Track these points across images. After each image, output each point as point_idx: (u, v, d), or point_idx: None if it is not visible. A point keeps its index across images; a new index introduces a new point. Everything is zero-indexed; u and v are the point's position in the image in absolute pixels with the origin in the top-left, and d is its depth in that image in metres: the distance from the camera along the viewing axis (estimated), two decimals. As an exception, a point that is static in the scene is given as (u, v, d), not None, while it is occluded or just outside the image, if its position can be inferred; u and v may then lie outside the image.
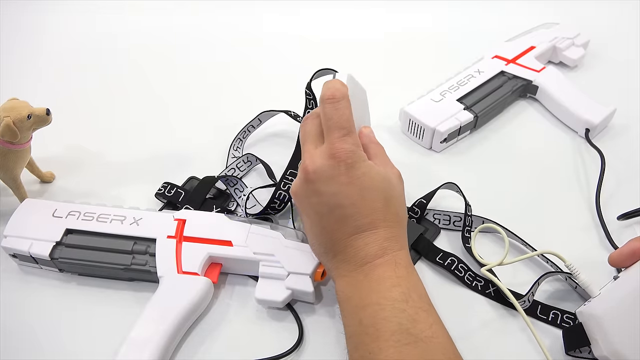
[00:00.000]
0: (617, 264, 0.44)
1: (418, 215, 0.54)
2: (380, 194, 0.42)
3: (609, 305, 0.41)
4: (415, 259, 0.52)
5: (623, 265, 0.43)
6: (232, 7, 0.84)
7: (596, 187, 0.56)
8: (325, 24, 0.82)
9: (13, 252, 0.50)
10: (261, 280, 0.47)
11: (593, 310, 0.41)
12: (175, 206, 0.55)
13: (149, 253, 0.49)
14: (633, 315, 0.39)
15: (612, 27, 0.78)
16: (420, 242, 0.52)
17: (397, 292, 0.39)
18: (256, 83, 0.72)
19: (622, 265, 0.43)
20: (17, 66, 0.76)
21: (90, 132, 0.66)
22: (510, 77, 0.66)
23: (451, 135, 0.61)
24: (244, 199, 0.55)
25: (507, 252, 0.47)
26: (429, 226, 0.54)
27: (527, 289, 0.47)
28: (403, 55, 0.76)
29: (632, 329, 0.39)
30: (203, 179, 0.57)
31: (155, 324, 0.44)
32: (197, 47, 0.79)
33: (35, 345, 0.46)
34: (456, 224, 0.54)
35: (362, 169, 0.41)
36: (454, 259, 0.50)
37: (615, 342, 0.39)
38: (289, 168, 0.54)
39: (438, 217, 0.54)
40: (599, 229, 0.53)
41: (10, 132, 0.50)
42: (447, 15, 0.82)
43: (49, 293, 0.50)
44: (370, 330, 0.38)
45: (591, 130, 0.61)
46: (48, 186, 0.59)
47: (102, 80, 0.73)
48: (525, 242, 0.51)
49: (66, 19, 0.83)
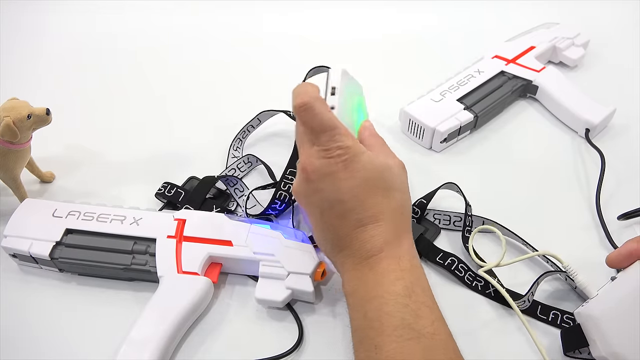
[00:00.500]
0: (614, 264, 0.44)
1: (418, 215, 0.54)
2: (382, 184, 0.41)
3: (607, 306, 0.41)
4: None
5: (620, 266, 0.43)
6: (232, 7, 0.84)
7: (596, 187, 0.56)
8: (325, 24, 0.82)
9: (13, 252, 0.50)
10: (261, 280, 0.47)
11: (591, 311, 0.41)
12: (175, 206, 0.55)
13: (149, 253, 0.49)
14: (631, 316, 0.39)
15: (612, 27, 0.79)
16: (421, 242, 0.52)
17: (401, 286, 0.39)
18: (256, 83, 0.72)
19: (619, 266, 0.43)
20: (17, 66, 0.76)
21: (90, 132, 0.66)
22: (510, 77, 0.66)
23: (451, 135, 0.61)
24: (244, 200, 0.55)
25: (505, 253, 0.47)
26: (429, 226, 0.54)
27: (527, 288, 0.47)
28: (403, 55, 0.76)
29: (630, 330, 0.39)
30: (203, 179, 0.57)
31: (155, 324, 0.44)
32: (197, 47, 0.79)
33: (35, 345, 0.46)
34: (456, 224, 0.54)
35: (361, 162, 0.41)
36: (454, 259, 0.50)
37: (614, 343, 0.39)
38: (288, 167, 0.54)
39: (438, 217, 0.54)
40: (599, 229, 0.53)
41: (10, 132, 0.50)
42: (447, 15, 0.82)
43: (49, 293, 0.50)
44: (375, 324, 0.38)
45: (591, 130, 0.61)
46: (48, 186, 0.59)
47: (102, 80, 0.73)
48: (526, 241, 0.51)
49: (66, 19, 0.83)
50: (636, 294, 0.40)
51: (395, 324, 0.37)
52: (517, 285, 0.49)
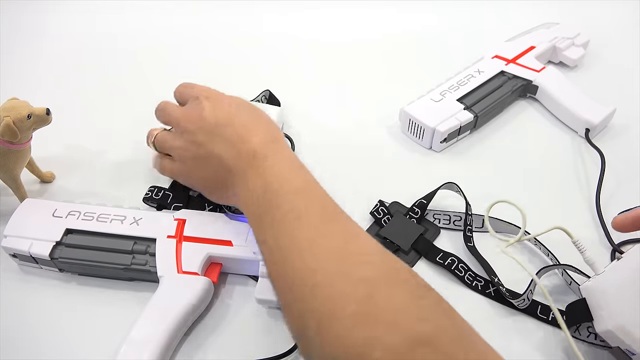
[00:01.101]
0: (620, 227, 0.44)
1: (418, 215, 0.54)
2: (250, 109, 0.50)
3: (615, 280, 0.41)
4: (415, 259, 0.52)
5: (626, 229, 0.44)
6: (233, 7, 0.84)
7: (596, 187, 0.56)
8: (325, 25, 0.82)
9: (13, 252, 0.50)
10: (261, 280, 0.47)
11: (599, 284, 0.41)
12: (165, 208, 0.55)
13: (149, 253, 0.49)
14: (637, 291, 0.39)
15: (612, 27, 0.79)
16: (420, 242, 0.52)
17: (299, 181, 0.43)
18: (256, 83, 0.72)
19: (624, 230, 0.44)
20: (17, 66, 0.76)
21: (90, 132, 0.65)
22: (510, 77, 0.66)
23: (451, 135, 0.61)
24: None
25: (525, 227, 0.48)
26: (428, 226, 0.54)
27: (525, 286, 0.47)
28: (403, 55, 0.76)
29: (636, 304, 0.39)
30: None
31: (155, 324, 0.44)
32: (197, 47, 0.79)
33: (35, 345, 0.46)
34: (456, 223, 0.54)
35: (221, 98, 0.50)
36: (454, 258, 0.50)
37: (620, 317, 0.39)
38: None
39: (438, 217, 0.55)
40: (599, 229, 0.54)
41: (11, 132, 0.50)
42: (447, 15, 0.82)
43: (49, 293, 0.50)
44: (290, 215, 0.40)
45: (591, 130, 0.61)
46: (48, 186, 0.59)
47: (102, 80, 0.73)
48: (527, 232, 0.51)
49: (66, 19, 0.83)
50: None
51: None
52: (514, 282, 0.49)
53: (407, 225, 0.53)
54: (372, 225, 0.55)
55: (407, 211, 0.55)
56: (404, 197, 0.56)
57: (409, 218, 0.54)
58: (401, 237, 0.52)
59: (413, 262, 0.52)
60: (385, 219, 0.54)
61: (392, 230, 0.53)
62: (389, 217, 0.54)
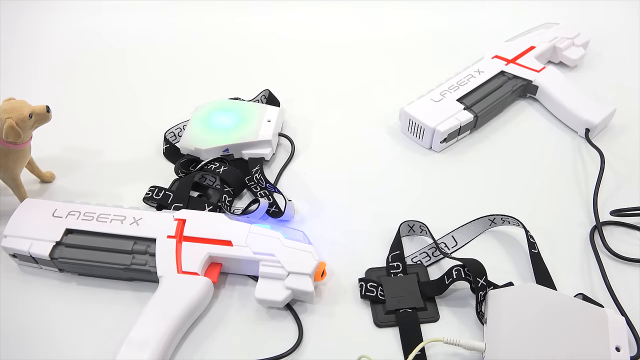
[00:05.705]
0: None
1: (400, 269, 0.50)
2: None
3: (502, 347, 0.41)
4: (433, 307, 0.48)
5: None
6: (233, 8, 0.84)
7: (594, 188, 0.56)
8: (326, 25, 0.82)
9: (13, 252, 0.50)
10: (261, 280, 0.47)
11: (497, 353, 0.41)
12: (165, 208, 0.55)
13: (148, 253, 0.49)
14: (524, 341, 0.41)
15: (612, 27, 0.79)
16: (425, 288, 0.48)
17: None
18: (256, 83, 0.72)
19: None
20: (16, 66, 0.76)
21: (90, 132, 0.66)
22: (510, 77, 0.66)
23: (451, 135, 0.61)
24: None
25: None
26: (416, 270, 0.50)
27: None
28: (403, 55, 0.76)
29: (530, 335, 0.41)
30: (183, 176, 0.57)
31: (155, 324, 0.44)
32: (198, 47, 0.79)
33: (35, 345, 0.46)
34: (434, 254, 0.52)
35: None
36: (458, 268, 0.47)
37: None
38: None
39: (415, 259, 0.52)
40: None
41: (15, 134, 0.50)
42: (447, 15, 0.82)
43: (49, 293, 0.50)
44: None
45: (591, 130, 0.61)
46: (48, 186, 0.59)
47: (102, 80, 0.73)
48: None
49: (66, 19, 0.83)
50: (513, 323, 0.42)
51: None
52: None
53: (401, 283, 0.49)
54: (374, 306, 0.48)
55: (387, 270, 0.50)
56: (403, 198, 0.56)
57: (395, 275, 0.50)
58: (408, 299, 0.48)
59: (434, 310, 0.48)
60: (379, 294, 0.48)
61: (394, 299, 0.48)
62: (380, 287, 0.49)
